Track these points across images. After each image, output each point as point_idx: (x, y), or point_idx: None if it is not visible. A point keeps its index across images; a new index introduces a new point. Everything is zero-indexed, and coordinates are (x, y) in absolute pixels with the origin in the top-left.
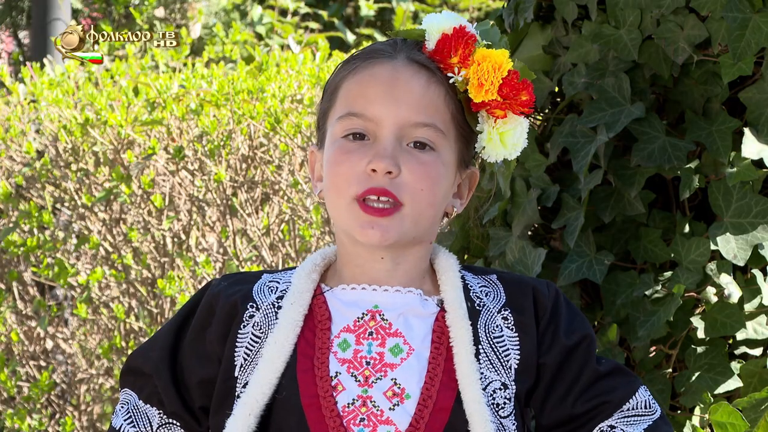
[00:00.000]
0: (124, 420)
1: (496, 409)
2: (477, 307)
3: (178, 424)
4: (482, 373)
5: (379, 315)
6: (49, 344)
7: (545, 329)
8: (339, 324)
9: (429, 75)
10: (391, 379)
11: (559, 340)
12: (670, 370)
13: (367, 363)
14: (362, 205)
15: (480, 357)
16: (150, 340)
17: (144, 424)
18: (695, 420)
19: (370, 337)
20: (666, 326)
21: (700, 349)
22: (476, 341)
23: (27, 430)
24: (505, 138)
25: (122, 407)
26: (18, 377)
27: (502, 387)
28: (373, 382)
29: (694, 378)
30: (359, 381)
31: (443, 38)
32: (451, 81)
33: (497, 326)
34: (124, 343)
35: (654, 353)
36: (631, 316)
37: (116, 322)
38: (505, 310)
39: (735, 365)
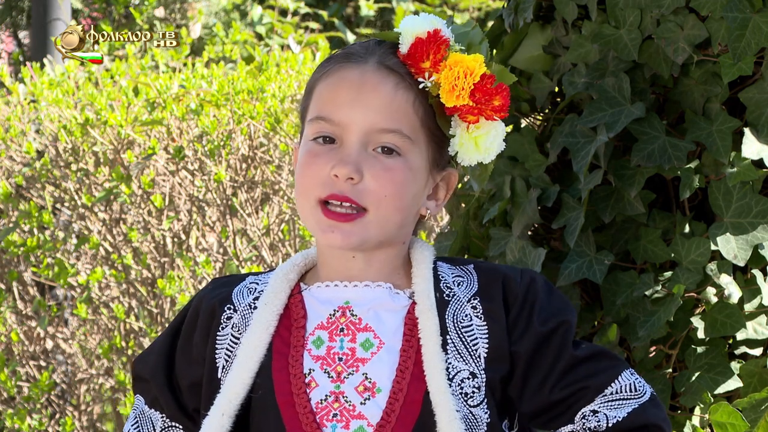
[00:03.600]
0: (132, 425)
1: (465, 398)
2: (446, 298)
3: (180, 427)
4: (449, 363)
5: (349, 311)
6: (49, 344)
7: (516, 317)
8: (314, 321)
9: (397, 80)
10: (363, 374)
11: (533, 327)
12: (670, 370)
13: (340, 359)
14: (324, 209)
15: (447, 347)
16: (151, 345)
17: (148, 428)
18: (695, 420)
19: (342, 333)
20: (666, 326)
21: (700, 349)
22: (443, 331)
23: (27, 430)
24: (480, 142)
25: (133, 412)
26: (18, 377)
27: (470, 376)
28: (345, 377)
29: (694, 378)
30: (332, 377)
31: (416, 42)
32: (421, 86)
33: (466, 315)
34: (124, 343)
35: (654, 353)
36: (631, 316)
37: (116, 322)
38: (474, 299)
39: (735, 365)
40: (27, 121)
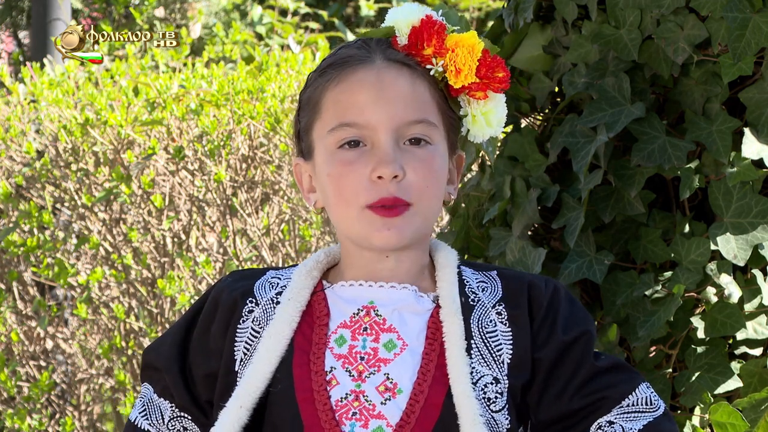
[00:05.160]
0: (139, 413)
1: (488, 403)
2: (471, 302)
3: (188, 417)
4: (473, 368)
5: (374, 311)
6: (49, 344)
7: (540, 325)
8: (336, 320)
9: (411, 71)
10: (384, 374)
11: (556, 335)
12: (670, 370)
13: (362, 358)
14: (375, 210)
15: (471, 351)
16: (163, 335)
17: (156, 417)
18: (695, 420)
19: (365, 332)
20: (666, 326)
21: (700, 349)
22: (468, 336)
23: (27, 430)
24: (489, 117)
25: (140, 400)
26: (18, 377)
27: (493, 381)
28: (366, 377)
29: (694, 378)
30: (353, 376)
31: (414, 31)
32: (431, 73)
33: (491, 321)
34: (124, 343)
35: (654, 353)
36: (631, 316)
37: (116, 322)
38: (499, 305)
39: (735, 365)
40: (27, 121)
